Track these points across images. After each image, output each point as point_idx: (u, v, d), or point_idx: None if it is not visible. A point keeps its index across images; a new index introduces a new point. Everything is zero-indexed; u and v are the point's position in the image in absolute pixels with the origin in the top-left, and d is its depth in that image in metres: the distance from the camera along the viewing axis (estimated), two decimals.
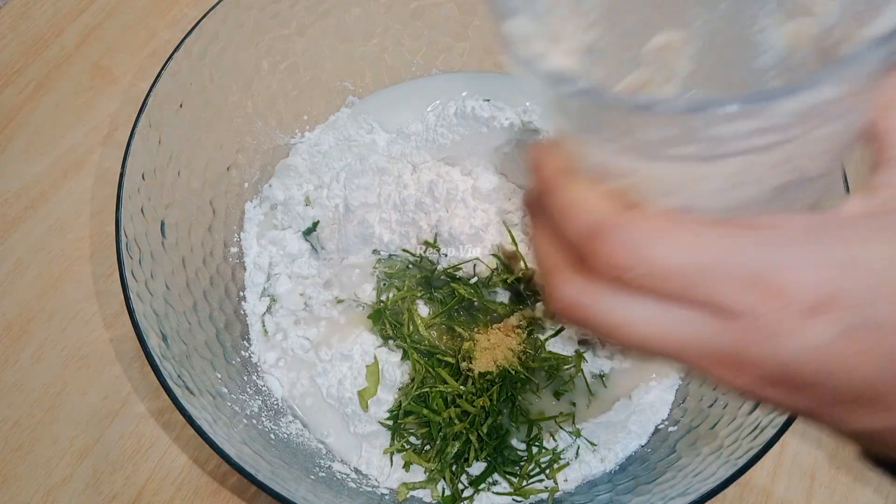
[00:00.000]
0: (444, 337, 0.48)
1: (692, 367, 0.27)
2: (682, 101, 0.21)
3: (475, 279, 0.49)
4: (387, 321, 0.48)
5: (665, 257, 0.25)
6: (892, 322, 0.24)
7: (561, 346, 0.48)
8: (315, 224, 0.51)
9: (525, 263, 0.49)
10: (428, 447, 0.46)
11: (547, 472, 0.45)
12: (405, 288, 0.49)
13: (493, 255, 0.49)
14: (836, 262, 0.24)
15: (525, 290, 0.49)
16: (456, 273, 0.49)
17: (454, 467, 0.45)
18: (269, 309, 0.50)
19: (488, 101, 0.51)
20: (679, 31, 0.32)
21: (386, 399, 0.47)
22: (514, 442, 0.46)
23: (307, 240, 0.51)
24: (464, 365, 0.46)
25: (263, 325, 0.49)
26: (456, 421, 0.45)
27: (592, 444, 0.46)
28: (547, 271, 0.28)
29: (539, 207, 0.28)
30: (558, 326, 0.48)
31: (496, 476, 0.45)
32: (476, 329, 0.48)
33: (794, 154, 0.24)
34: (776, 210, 0.26)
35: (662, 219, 0.25)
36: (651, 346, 0.27)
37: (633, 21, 0.32)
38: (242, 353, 0.47)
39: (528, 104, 0.52)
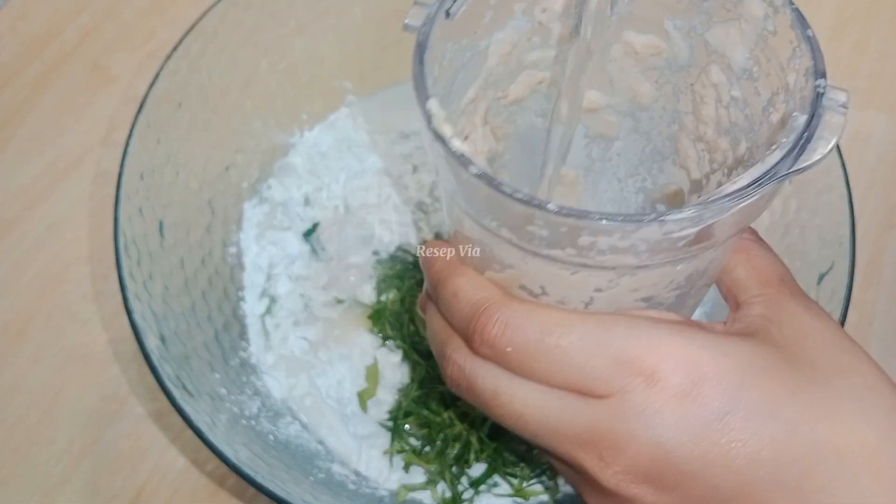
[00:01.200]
0: None
1: (564, 457, 0.27)
2: (554, 205, 0.24)
3: None
4: (386, 322, 0.48)
5: (535, 336, 0.26)
6: (760, 410, 0.25)
7: None
8: (315, 226, 0.51)
9: None
10: (428, 448, 0.45)
11: (548, 473, 0.45)
12: (405, 288, 0.49)
13: None
14: (704, 348, 0.25)
15: None
16: None
17: (454, 469, 0.45)
18: (268, 310, 0.50)
19: None
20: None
21: (385, 400, 0.47)
22: (514, 443, 0.46)
23: (307, 241, 0.51)
24: None
25: (265, 326, 0.49)
26: (456, 422, 0.45)
27: None
28: (440, 343, 0.30)
29: (431, 301, 0.31)
30: None
31: (497, 478, 0.45)
32: None
33: (643, 283, 0.27)
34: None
35: (536, 304, 0.27)
36: (524, 425, 0.27)
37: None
38: (241, 353, 0.47)
39: None
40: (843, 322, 0.39)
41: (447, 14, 0.29)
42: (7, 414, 0.48)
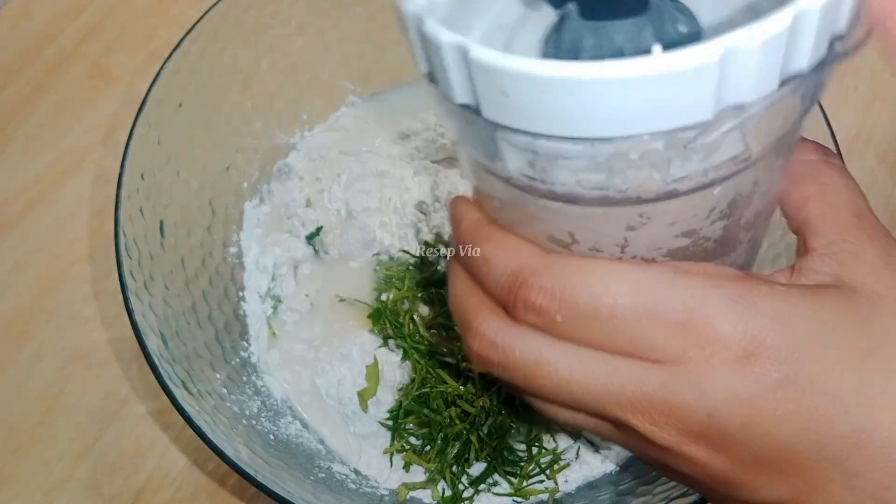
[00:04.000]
0: (445, 337, 0.48)
1: (612, 419, 0.26)
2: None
3: None
4: (387, 321, 0.48)
5: (586, 305, 0.24)
6: (814, 384, 0.24)
7: None
8: (318, 229, 0.51)
9: None
10: (428, 448, 0.45)
11: (547, 472, 0.45)
12: (405, 288, 0.49)
13: None
14: (764, 315, 0.24)
15: None
16: None
17: (454, 468, 0.45)
18: (275, 310, 0.50)
19: None
20: None
21: (386, 399, 0.47)
22: (514, 442, 0.46)
23: (311, 244, 0.51)
24: (464, 365, 0.46)
25: (270, 327, 0.49)
26: (456, 421, 0.45)
27: (593, 443, 0.46)
28: (464, 313, 0.27)
29: (456, 260, 0.28)
30: None
31: (497, 476, 0.45)
32: None
33: (679, 215, 0.24)
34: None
35: (582, 264, 0.25)
36: (569, 394, 0.25)
37: None
38: (242, 353, 0.47)
39: None
40: None
41: None
42: (8, 414, 0.48)
